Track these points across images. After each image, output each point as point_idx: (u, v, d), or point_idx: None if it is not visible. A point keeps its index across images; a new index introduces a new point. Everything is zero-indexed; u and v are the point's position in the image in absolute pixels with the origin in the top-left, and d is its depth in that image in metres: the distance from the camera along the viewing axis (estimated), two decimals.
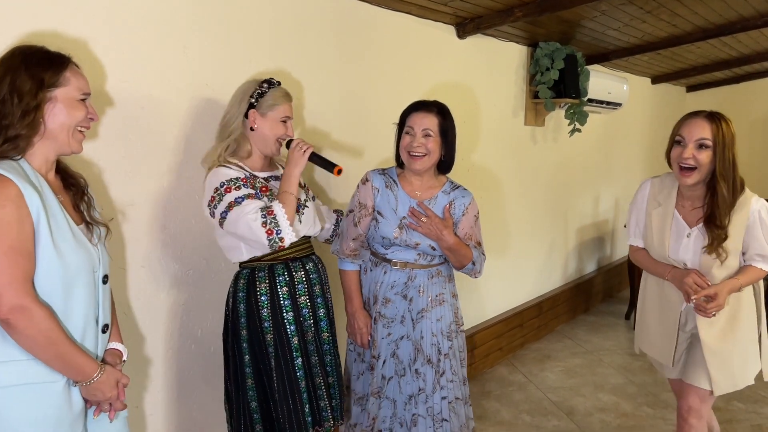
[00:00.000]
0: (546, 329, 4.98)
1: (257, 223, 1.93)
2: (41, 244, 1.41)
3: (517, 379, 4.08)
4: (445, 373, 2.29)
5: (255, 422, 2.07)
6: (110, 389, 1.54)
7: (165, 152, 2.26)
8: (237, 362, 2.08)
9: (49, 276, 1.44)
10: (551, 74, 4.29)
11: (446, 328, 2.31)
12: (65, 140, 1.50)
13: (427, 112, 2.24)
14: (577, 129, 4.65)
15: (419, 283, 2.27)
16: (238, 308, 2.09)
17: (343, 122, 2.99)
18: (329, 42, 2.87)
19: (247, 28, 2.48)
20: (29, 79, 1.42)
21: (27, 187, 1.39)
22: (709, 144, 2.06)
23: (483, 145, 4.05)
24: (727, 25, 4.29)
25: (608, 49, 4.77)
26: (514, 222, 4.52)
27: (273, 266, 2.09)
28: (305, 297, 2.14)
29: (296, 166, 2.07)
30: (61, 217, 1.47)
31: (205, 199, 2.01)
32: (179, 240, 2.34)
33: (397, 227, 2.25)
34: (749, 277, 2.18)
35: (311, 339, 2.14)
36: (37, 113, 1.43)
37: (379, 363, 2.28)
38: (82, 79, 1.53)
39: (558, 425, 3.43)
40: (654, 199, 2.28)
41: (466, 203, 2.31)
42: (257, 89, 2.07)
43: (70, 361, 1.45)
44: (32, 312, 1.37)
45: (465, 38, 3.74)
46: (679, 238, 2.20)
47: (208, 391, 2.46)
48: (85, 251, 1.51)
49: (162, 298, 2.31)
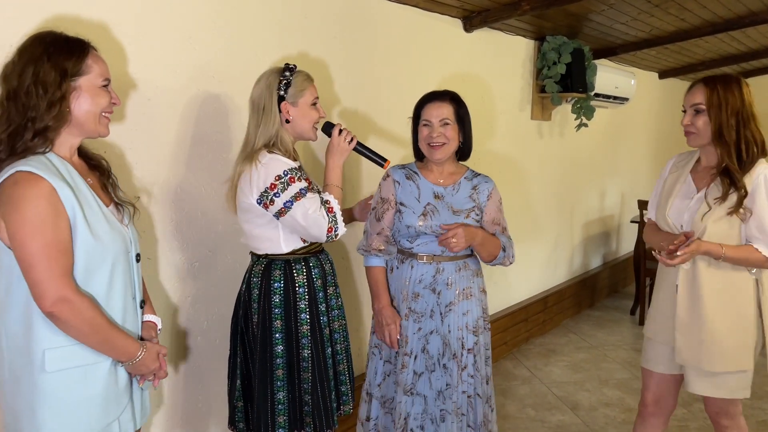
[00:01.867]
0: (551, 324, 4.98)
1: (325, 220, 1.96)
2: (79, 235, 1.44)
3: (522, 374, 4.08)
4: (467, 368, 2.27)
5: (278, 413, 2.05)
6: (153, 362, 1.61)
7: (170, 144, 2.26)
8: (266, 354, 2.05)
9: (92, 262, 1.48)
10: (558, 68, 4.28)
11: (473, 323, 2.29)
12: (92, 127, 1.51)
13: (441, 101, 2.24)
14: (583, 123, 4.63)
15: (447, 276, 2.26)
16: (272, 299, 2.05)
17: (350, 116, 2.99)
18: (336, 35, 2.87)
19: (254, 20, 2.48)
20: (52, 69, 1.41)
21: (59, 183, 1.41)
22: (702, 108, 2.04)
23: (489, 139, 4.05)
24: (735, 20, 4.26)
25: (616, 43, 4.75)
26: (520, 216, 4.52)
27: (307, 258, 2.10)
28: (332, 288, 2.18)
29: (341, 156, 2.07)
30: (93, 202, 1.50)
31: (259, 185, 1.95)
32: (185, 232, 2.34)
33: (421, 214, 2.25)
34: (739, 252, 2.01)
35: (337, 328, 2.19)
36: (63, 104, 1.43)
37: (410, 360, 2.26)
38: (104, 64, 1.53)
39: (562, 420, 3.43)
40: (676, 167, 2.27)
41: (489, 188, 2.32)
42: (281, 80, 2.02)
43: (114, 344, 1.51)
44: (75, 303, 1.41)
45: (472, 32, 3.72)
46: (684, 200, 2.14)
47: (214, 382, 2.47)
48: (118, 233, 1.55)
49: (168, 289, 2.32)
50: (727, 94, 2.02)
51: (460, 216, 2.25)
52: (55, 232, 1.39)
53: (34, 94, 1.40)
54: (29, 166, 1.38)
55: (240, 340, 2.15)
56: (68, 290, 1.40)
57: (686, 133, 2.12)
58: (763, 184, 2.00)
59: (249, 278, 2.12)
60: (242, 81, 2.41)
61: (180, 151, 2.29)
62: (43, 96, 1.40)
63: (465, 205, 2.27)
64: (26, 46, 1.45)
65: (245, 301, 2.13)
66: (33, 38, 1.46)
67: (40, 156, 1.43)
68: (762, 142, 2.05)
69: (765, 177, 2.01)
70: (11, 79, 1.42)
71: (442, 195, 2.28)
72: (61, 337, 1.45)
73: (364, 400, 2.40)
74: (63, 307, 1.40)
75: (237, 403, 2.16)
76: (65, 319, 1.41)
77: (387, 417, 2.35)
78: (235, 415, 2.17)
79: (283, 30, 2.61)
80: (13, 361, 1.47)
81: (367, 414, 2.38)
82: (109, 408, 1.54)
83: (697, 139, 2.09)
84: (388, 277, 2.36)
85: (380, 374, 2.37)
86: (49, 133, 1.44)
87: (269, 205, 1.96)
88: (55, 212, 1.39)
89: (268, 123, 2.01)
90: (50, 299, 1.38)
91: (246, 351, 2.15)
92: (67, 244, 1.42)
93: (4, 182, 1.39)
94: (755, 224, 2.01)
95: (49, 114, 1.41)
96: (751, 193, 2.00)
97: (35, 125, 1.41)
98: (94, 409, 1.51)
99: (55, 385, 1.45)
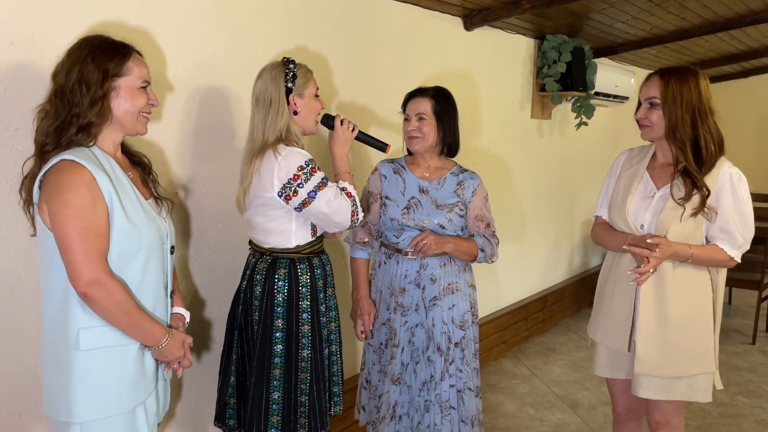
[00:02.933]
0: (551, 323, 4.98)
1: (348, 204, 1.99)
2: (116, 222, 1.53)
3: (522, 372, 4.08)
4: (454, 362, 2.32)
5: (272, 413, 2.04)
6: (178, 350, 1.70)
7: (171, 142, 2.25)
8: (265, 353, 2.04)
9: (128, 249, 1.56)
10: (558, 67, 4.27)
11: (459, 318, 2.33)
12: (131, 125, 1.62)
13: (422, 96, 2.32)
14: (583, 122, 4.63)
15: (431, 271, 2.30)
16: (275, 298, 2.04)
17: (349, 113, 2.99)
18: (336, 32, 2.86)
19: (254, 17, 2.48)
20: (95, 69, 1.52)
21: (99, 173, 1.50)
22: (657, 102, 1.98)
23: (489, 138, 4.04)
24: (736, 19, 4.26)
25: (616, 42, 4.75)
26: (519, 215, 4.52)
27: (311, 258, 2.09)
28: (331, 288, 2.19)
29: (346, 145, 2.10)
30: (132, 194, 1.59)
31: (281, 177, 1.93)
32: (186, 229, 2.34)
33: (404, 208, 2.30)
34: (706, 252, 1.95)
35: (333, 329, 2.20)
36: (104, 102, 1.54)
37: (398, 351, 2.32)
38: (144, 67, 1.63)
39: (562, 418, 3.43)
40: (628, 162, 2.20)
41: (474, 184, 2.36)
42: (287, 72, 2.01)
43: (142, 328, 1.59)
44: (107, 285, 1.49)
45: (472, 30, 3.72)
46: (644, 198, 2.06)
47: (214, 381, 2.47)
48: (155, 224, 1.64)
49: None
50: (682, 88, 1.95)
51: (443, 210, 2.29)
52: (93, 217, 1.48)
53: (78, 92, 1.51)
54: (72, 155, 1.48)
55: (238, 337, 2.14)
56: (102, 273, 1.49)
57: (641, 126, 2.07)
58: (728, 183, 1.95)
59: (251, 275, 2.10)
60: (243, 78, 2.41)
61: (181, 149, 2.28)
62: (86, 94, 1.51)
63: (448, 200, 2.32)
64: (75, 47, 1.56)
65: (246, 299, 2.11)
66: (81, 40, 1.58)
67: (84, 148, 1.54)
68: (720, 139, 1.98)
69: (731, 176, 1.95)
70: (59, 77, 1.54)
71: (427, 189, 2.33)
72: (95, 317, 1.53)
73: (363, 387, 2.47)
74: (96, 288, 1.48)
75: (229, 400, 2.15)
76: (98, 300, 1.49)
77: (372, 402, 2.41)
78: (226, 411, 2.15)
79: (283, 27, 2.60)
80: (53, 339, 1.56)
81: (366, 400, 2.46)
82: (138, 390, 1.62)
83: (651, 132, 2.03)
84: (377, 271, 2.42)
85: (370, 363, 2.44)
86: (93, 129, 1.55)
87: (292, 197, 1.94)
88: (93, 199, 1.48)
89: (277, 116, 1.99)
90: (84, 280, 1.47)
91: (243, 348, 2.14)
92: (103, 229, 1.50)
93: (49, 170, 1.49)
94: (720, 224, 1.96)
95: (92, 111, 1.52)
96: (717, 192, 1.95)
97: (79, 121, 1.52)
98: (124, 389, 1.59)
99: (88, 363, 1.54)
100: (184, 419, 2.42)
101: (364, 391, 2.48)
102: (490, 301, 4.28)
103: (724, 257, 1.98)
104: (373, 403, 2.41)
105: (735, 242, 1.97)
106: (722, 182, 1.95)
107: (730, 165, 1.98)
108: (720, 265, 2.02)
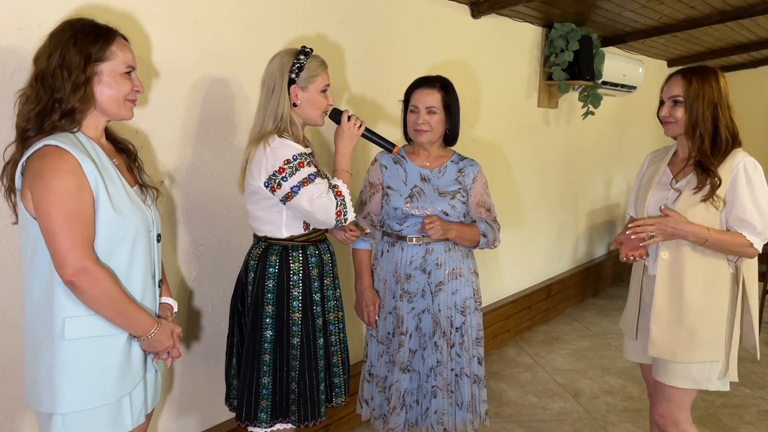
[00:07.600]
0: (554, 312, 5.00)
1: (333, 204, 1.96)
2: (102, 209, 1.49)
3: (525, 361, 4.10)
4: (454, 346, 2.34)
5: (262, 398, 2.07)
6: (167, 340, 1.67)
7: (176, 129, 2.26)
8: (255, 337, 2.06)
9: (114, 237, 1.53)
10: (566, 56, 4.25)
11: (461, 303, 2.34)
12: (115, 111, 1.58)
13: (431, 88, 2.29)
14: (590, 112, 4.61)
15: (437, 256, 2.31)
16: (266, 284, 2.06)
17: (356, 102, 2.99)
18: (342, 20, 2.85)
19: (260, 6, 2.47)
20: (77, 53, 1.47)
21: (84, 158, 1.46)
22: (681, 100, 2.08)
23: (495, 126, 4.03)
24: (746, 8, 4.22)
25: (624, 30, 4.71)
26: (524, 204, 4.51)
27: (305, 246, 2.09)
28: (330, 278, 2.17)
29: (351, 142, 2.09)
30: (117, 180, 1.55)
31: (268, 169, 1.94)
32: (191, 216, 2.36)
33: (408, 197, 2.31)
34: (724, 236, 2.00)
35: (332, 319, 2.18)
36: (87, 87, 1.49)
37: (406, 338, 2.33)
38: (129, 52, 1.58)
39: (564, 407, 3.45)
40: (653, 162, 2.31)
41: (475, 171, 2.38)
42: (295, 62, 2.00)
43: (129, 317, 1.55)
44: (94, 273, 1.46)
45: (479, 18, 3.70)
46: (663, 191, 2.17)
47: (217, 364, 2.50)
48: (141, 212, 1.61)
49: (173, 273, 2.33)
50: (704, 86, 2.05)
51: (446, 197, 2.30)
52: (78, 203, 1.44)
53: (60, 77, 1.46)
54: (56, 140, 1.45)
55: (237, 320, 2.18)
56: (88, 260, 1.45)
57: (664, 123, 2.15)
58: (743, 172, 2.01)
59: (247, 260, 2.14)
60: (249, 66, 2.41)
61: (186, 136, 2.29)
62: (68, 78, 1.46)
63: (450, 187, 2.33)
64: (57, 30, 1.51)
65: (242, 283, 2.15)
66: (64, 23, 1.52)
67: (69, 134, 1.50)
68: (736, 133, 2.08)
69: (744, 165, 2.02)
70: (41, 61, 1.49)
71: (429, 177, 2.34)
72: (81, 306, 1.50)
73: (366, 380, 2.46)
74: (82, 276, 1.44)
75: (232, 381, 2.18)
76: (84, 288, 1.46)
77: (381, 395, 2.41)
78: (231, 392, 2.19)
79: (289, 16, 2.59)
80: (36, 328, 1.52)
81: (371, 394, 2.45)
82: (124, 381, 1.59)
83: (675, 128, 2.12)
84: (379, 260, 2.42)
85: (375, 355, 2.43)
86: (77, 115, 1.51)
87: (276, 189, 1.95)
88: (79, 185, 1.44)
89: (275, 104, 2.00)
90: (70, 268, 1.43)
91: (242, 331, 2.18)
92: (89, 216, 1.47)
93: (32, 155, 1.45)
94: (737, 213, 2.01)
95: (75, 96, 1.48)
96: (732, 181, 2.02)
97: (62, 106, 1.48)
98: (110, 380, 1.55)
99: (73, 353, 1.50)
100: (190, 402, 2.44)
101: (366, 384, 2.46)
102: (494, 290, 4.29)
103: (744, 242, 2.00)
104: (383, 396, 2.40)
105: (754, 230, 2.02)
106: (737, 171, 2.02)
107: (745, 154, 2.05)
108: (740, 251, 2.04)
